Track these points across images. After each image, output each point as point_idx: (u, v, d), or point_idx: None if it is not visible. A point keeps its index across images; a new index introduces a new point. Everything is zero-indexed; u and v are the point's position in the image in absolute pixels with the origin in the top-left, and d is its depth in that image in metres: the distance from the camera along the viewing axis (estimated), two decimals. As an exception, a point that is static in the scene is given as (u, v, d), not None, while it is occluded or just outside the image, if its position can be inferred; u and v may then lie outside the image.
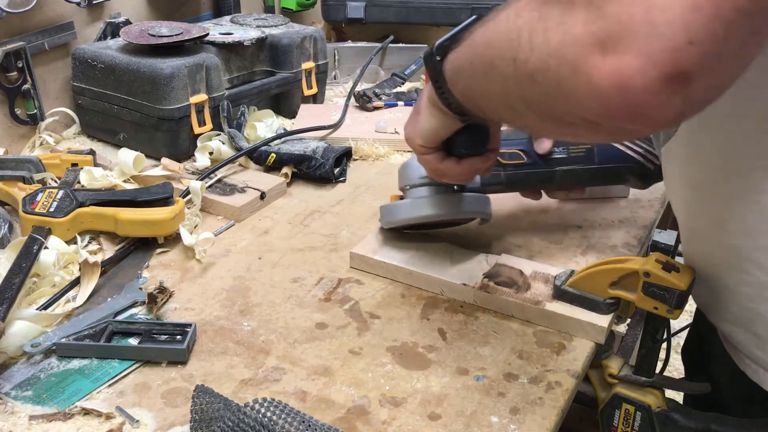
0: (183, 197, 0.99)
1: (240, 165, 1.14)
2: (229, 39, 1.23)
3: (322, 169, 1.10)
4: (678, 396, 0.83)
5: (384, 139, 1.24)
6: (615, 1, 0.41)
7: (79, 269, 0.86)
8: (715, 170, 0.64)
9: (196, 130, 1.15)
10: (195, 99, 1.14)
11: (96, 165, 1.08)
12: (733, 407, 0.76)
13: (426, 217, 0.85)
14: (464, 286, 0.82)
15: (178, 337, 0.74)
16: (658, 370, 0.82)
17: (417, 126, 0.72)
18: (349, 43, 1.65)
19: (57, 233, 0.89)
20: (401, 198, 0.90)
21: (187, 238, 0.92)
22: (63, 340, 0.73)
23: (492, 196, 0.90)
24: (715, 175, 0.64)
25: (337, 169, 1.13)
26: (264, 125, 1.21)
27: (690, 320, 0.95)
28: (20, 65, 1.15)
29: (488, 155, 0.74)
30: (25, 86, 1.17)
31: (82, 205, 0.92)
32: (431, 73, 0.64)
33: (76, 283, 0.85)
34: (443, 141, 0.72)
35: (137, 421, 0.65)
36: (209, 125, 1.17)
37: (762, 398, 0.70)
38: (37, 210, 0.90)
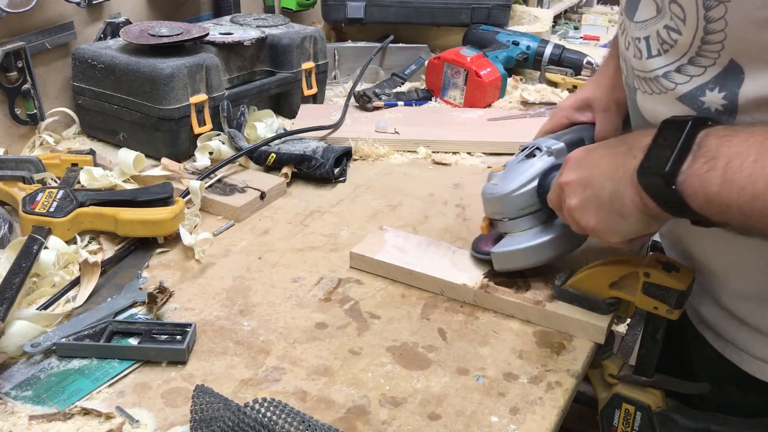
0: (183, 197, 0.99)
1: (240, 165, 1.14)
2: (229, 39, 1.23)
3: (322, 169, 1.10)
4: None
5: (384, 139, 1.24)
6: None
7: (79, 269, 0.86)
8: None
9: (196, 130, 1.15)
10: (195, 99, 1.14)
11: (96, 165, 1.08)
12: (701, 376, 0.79)
13: (548, 261, 0.82)
14: (464, 286, 0.82)
15: (178, 337, 0.74)
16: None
17: (618, 229, 0.66)
18: (349, 43, 1.65)
19: (57, 233, 0.89)
20: (491, 224, 0.84)
21: (186, 238, 0.92)
22: (63, 340, 0.73)
23: None
24: None
25: (337, 169, 1.13)
26: (264, 125, 1.21)
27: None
28: (20, 65, 1.15)
29: None
30: (25, 86, 1.17)
31: (82, 205, 0.92)
32: (659, 198, 0.59)
33: (76, 283, 0.85)
34: None
35: (137, 421, 0.65)
36: (209, 125, 1.17)
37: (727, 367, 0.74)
38: (37, 210, 0.90)
